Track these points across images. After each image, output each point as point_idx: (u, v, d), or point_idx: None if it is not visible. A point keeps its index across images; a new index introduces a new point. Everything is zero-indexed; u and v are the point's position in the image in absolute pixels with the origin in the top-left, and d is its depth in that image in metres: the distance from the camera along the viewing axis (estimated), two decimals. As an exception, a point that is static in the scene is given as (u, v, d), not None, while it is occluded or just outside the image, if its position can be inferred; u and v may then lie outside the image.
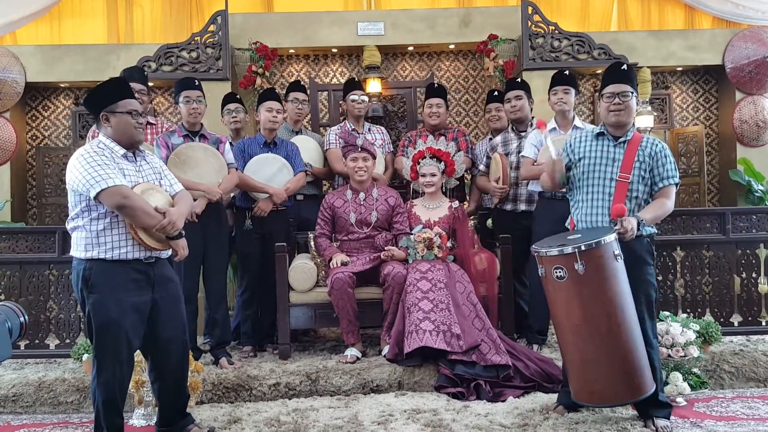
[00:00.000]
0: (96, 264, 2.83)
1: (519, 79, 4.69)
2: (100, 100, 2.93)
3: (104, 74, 6.01)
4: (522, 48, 5.93)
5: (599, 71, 6.36)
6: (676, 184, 3.16)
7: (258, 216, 4.29)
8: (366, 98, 4.93)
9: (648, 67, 6.20)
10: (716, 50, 6.27)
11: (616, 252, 2.89)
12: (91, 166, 2.78)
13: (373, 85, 6.12)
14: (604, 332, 2.88)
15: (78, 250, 2.87)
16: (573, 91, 4.20)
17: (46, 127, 6.61)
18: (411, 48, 6.50)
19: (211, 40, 5.89)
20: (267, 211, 4.27)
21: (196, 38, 5.90)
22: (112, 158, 2.87)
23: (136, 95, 3.67)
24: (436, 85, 4.96)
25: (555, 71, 4.33)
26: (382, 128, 5.17)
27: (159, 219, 2.85)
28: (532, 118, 4.56)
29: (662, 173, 3.13)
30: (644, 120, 6.21)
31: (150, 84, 6.07)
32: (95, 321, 2.80)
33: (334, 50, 6.44)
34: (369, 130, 4.94)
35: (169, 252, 3.02)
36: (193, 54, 5.88)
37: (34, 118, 6.60)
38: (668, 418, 3.11)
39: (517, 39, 6.07)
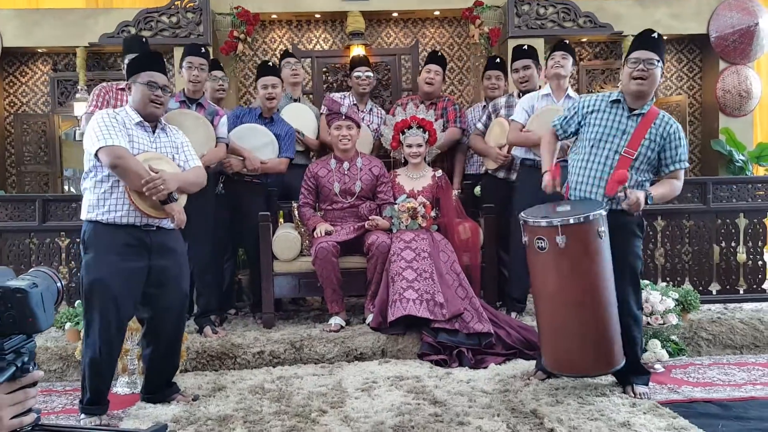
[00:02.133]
0: (94, 226, 2.92)
1: (525, 47, 4.47)
2: (131, 69, 3.07)
3: (83, 39, 5.90)
4: (507, 15, 5.87)
5: (584, 39, 6.34)
6: (685, 168, 3.11)
7: (227, 173, 4.20)
8: (371, 74, 4.85)
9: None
10: (701, 19, 6.26)
11: (601, 229, 2.89)
12: (99, 126, 2.88)
13: (357, 52, 6.05)
14: (577, 305, 2.92)
15: (83, 211, 2.98)
16: (571, 59, 4.08)
17: (24, 94, 6.48)
18: (395, 14, 6.41)
19: (192, 4, 5.77)
20: (234, 168, 4.17)
21: (176, 2, 5.78)
22: (123, 123, 2.95)
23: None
24: (439, 53, 4.89)
25: (541, 41, 4.28)
26: (383, 112, 5.03)
27: (149, 176, 2.85)
28: (540, 86, 4.38)
29: (674, 156, 3.05)
30: (628, 89, 6.21)
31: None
32: (85, 280, 2.88)
33: (317, 16, 6.35)
34: (371, 110, 4.86)
35: (170, 222, 3.01)
36: (174, 19, 5.76)
37: (11, 84, 6.46)
38: (647, 385, 3.17)
39: (502, 6, 6.01)
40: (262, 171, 4.26)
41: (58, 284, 1.23)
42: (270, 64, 4.56)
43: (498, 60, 4.83)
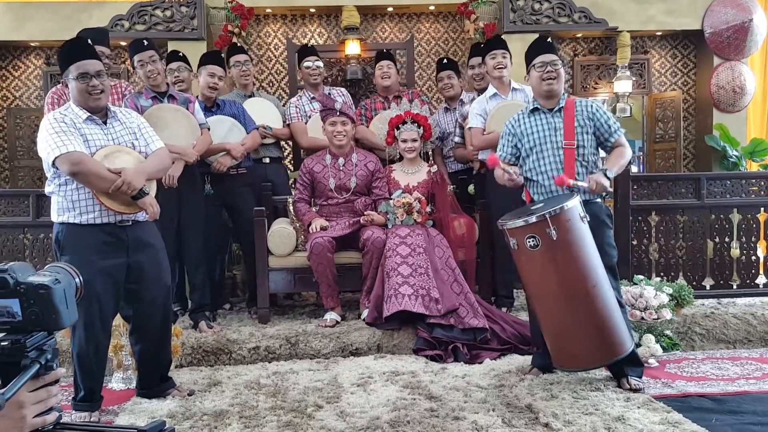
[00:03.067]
0: (68, 227, 2.87)
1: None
2: (60, 65, 2.91)
3: (76, 33, 5.84)
4: (502, 10, 5.87)
5: (579, 35, 6.35)
6: (624, 133, 3.29)
7: (217, 174, 4.17)
8: (321, 64, 4.79)
9: (627, 31, 6.18)
10: (695, 15, 6.26)
11: (582, 214, 2.97)
12: (49, 134, 2.77)
13: (352, 47, 6.04)
14: (582, 295, 2.95)
15: (54, 214, 2.91)
16: (509, 55, 4.23)
17: (17, 88, 6.44)
18: (390, 9, 6.39)
19: (186, -2, 5.74)
20: (226, 165, 4.16)
21: (170, -4, 5.74)
22: (73, 123, 2.84)
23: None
24: (384, 50, 4.96)
25: (536, 37, 4.28)
26: (343, 90, 5.01)
27: (112, 181, 2.78)
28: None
29: (608, 129, 3.25)
30: (623, 85, 6.23)
31: (123, 43, 5.94)
32: None
33: (312, 10, 6.32)
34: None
35: (146, 215, 2.98)
36: (167, 13, 5.73)
37: (4, 78, 6.41)
38: (640, 378, 3.19)
39: (497, 1, 6.00)
40: (246, 151, 4.25)
41: (77, 280, 1.22)
42: (220, 53, 4.52)
43: (446, 60, 4.89)
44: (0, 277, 1.13)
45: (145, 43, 3.99)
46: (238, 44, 5.00)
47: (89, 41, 2.99)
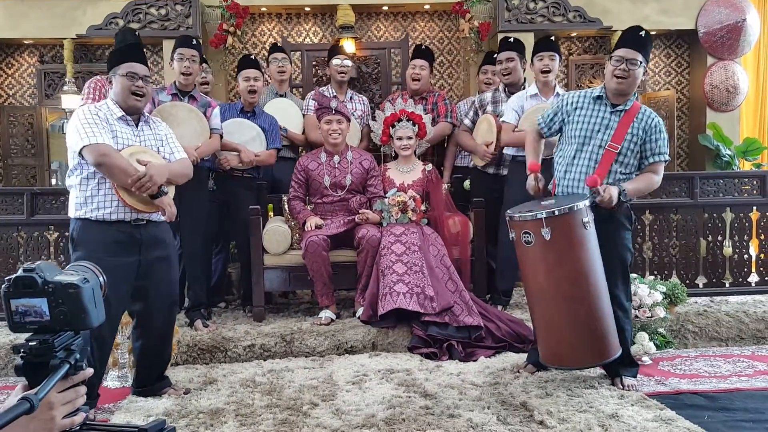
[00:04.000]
0: (83, 223, 2.90)
1: (512, 39, 4.46)
2: (111, 61, 3.01)
3: (70, 31, 5.84)
4: (497, 9, 5.88)
5: (574, 34, 6.36)
6: (666, 161, 3.13)
7: (222, 171, 4.20)
8: (349, 63, 4.86)
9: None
10: (689, 14, 6.29)
11: (585, 220, 2.92)
12: (81, 124, 2.83)
13: (347, 46, 6.04)
14: (567, 298, 2.94)
15: (71, 208, 2.95)
16: (557, 57, 4.12)
17: (11, 86, 6.41)
18: (385, 7, 6.40)
19: (181, -4, 5.73)
20: (232, 164, 4.18)
21: (165, -6, 5.73)
22: (106, 119, 2.90)
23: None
24: (423, 47, 4.89)
25: (531, 36, 4.30)
26: (364, 98, 5.07)
27: (135, 174, 2.82)
28: (524, 79, 4.47)
29: (654, 149, 3.09)
30: (617, 84, 6.24)
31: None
32: None
33: (307, 9, 6.32)
34: (351, 98, 4.86)
35: (161, 215, 3.00)
36: (162, 11, 5.71)
37: (-3, 75, 6.40)
38: (635, 377, 3.21)
39: (492, 0, 6.01)
40: (256, 164, 4.27)
41: (101, 279, 1.21)
42: (252, 57, 4.55)
43: (495, 55, 4.82)
44: (28, 277, 1.11)
45: (194, 41, 4.05)
46: (277, 42, 5.05)
47: (143, 48, 3.15)
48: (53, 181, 6.44)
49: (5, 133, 6.34)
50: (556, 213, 2.90)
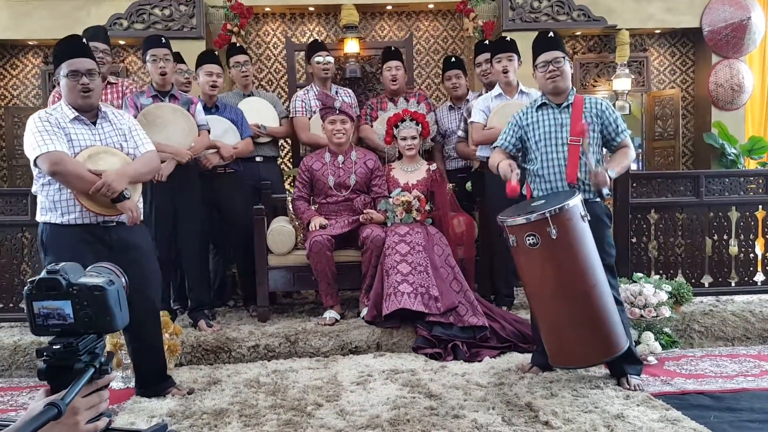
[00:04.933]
0: (50, 228, 2.87)
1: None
2: (54, 62, 2.91)
3: (74, 31, 5.73)
4: (501, 8, 5.87)
5: (578, 33, 6.34)
6: (629, 134, 3.28)
7: (204, 171, 4.15)
8: (331, 59, 4.82)
9: (626, 29, 6.18)
10: (694, 12, 6.27)
11: (583, 213, 2.96)
12: (32, 133, 2.77)
13: (351, 45, 6.03)
14: (579, 294, 2.93)
15: (38, 213, 2.93)
16: (516, 56, 4.23)
17: (15, 87, 6.43)
18: (389, 7, 6.39)
19: (184, -4, 5.73)
20: (213, 162, 4.15)
21: (169, -5, 5.74)
22: (57, 123, 2.82)
23: (99, 55, 3.63)
24: (393, 48, 4.92)
25: (536, 35, 4.28)
26: (350, 90, 5.06)
27: (92, 182, 2.77)
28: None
29: (615, 129, 3.23)
30: (622, 83, 6.22)
31: (122, 42, 5.94)
32: None
33: (311, 9, 6.32)
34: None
35: (127, 221, 2.95)
36: (166, 11, 5.72)
37: (2, 76, 6.40)
38: (639, 375, 3.20)
39: (496, -1, 6.00)
40: (236, 155, 4.25)
41: (123, 279, 1.19)
42: (214, 52, 4.52)
43: (453, 59, 4.88)
44: (52, 279, 1.10)
45: (163, 40, 4.00)
46: (237, 44, 4.99)
47: (83, 40, 2.99)
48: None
49: (10, 133, 6.35)
50: (560, 210, 2.89)
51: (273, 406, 2.98)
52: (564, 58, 3.22)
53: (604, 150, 3.37)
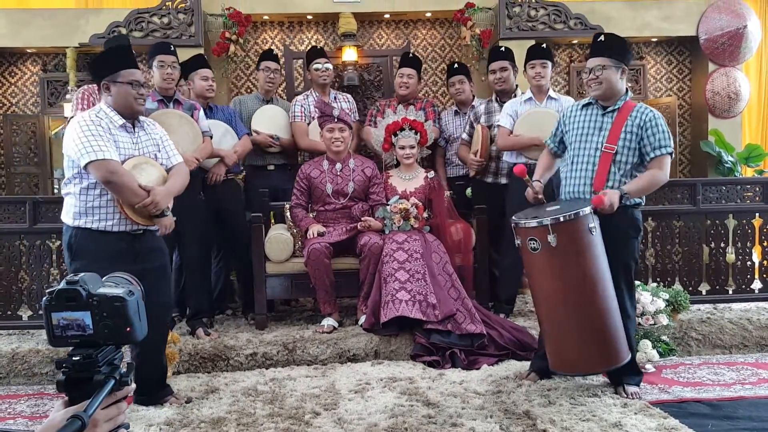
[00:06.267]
0: (82, 232, 2.88)
1: (503, 48, 4.56)
2: (103, 67, 2.93)
3: (73, 40, 5.86)
4: (499, 17, 5.89)
5: (575, 41, 6.37)
6: (670, 154, 3.05)
7: (211, 184, 4.19)
8: (330, 66, 4.84)
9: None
10: (690, 21, 6.29)
11: (591, 225, 2.91)
12: (86, 135, 2.79)
13: (349, 54, 6.05)
14: (575, 304, 2.93)
15: (67, 216, 2.92)
16: (549, 63, 4.24)
17: (14, 94, 6.43)
18: (387, 15, 6.41)
19: (183, 5, 5.74)
20: (222, 175, 4.20)
21: (167, 3, 5.74)
22: (108, 129, 2.87)
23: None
24: (411, 54, 4.93)
25: (532, 43, 4.34)
26: (349, 96, 5.09)
27: (142, 198, 2.84)
28: (516, 86, 4.55)
29: (653, 143, 3.03)
30: (619, 91, 6.24)
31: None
32: None
33: (309, 17, 6.33)
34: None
35: (158, 232, 3.04)
36: (165, 19, 5.73)
37: (0, 84, 6.41)
38: (638, 385, 3.20)
39: (494, 8, 6.02)
40: (239, 158, 4.28)
41: (140, 288, 1.19)
42: (204, 56, 4.55)
43: (457, 65, 4.91)
44: (72, 289, 1.09)
45: (172, 47, 4.05)
46: (273, 51, 4.99)
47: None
48: (56, 190, 6.45)
49: (8, 141, 6.35)
50: (562, 219, 2.88)
51: (271, 414, 2.98)
52: (608, 66, 3.07)
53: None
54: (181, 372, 3.68)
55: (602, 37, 3.19)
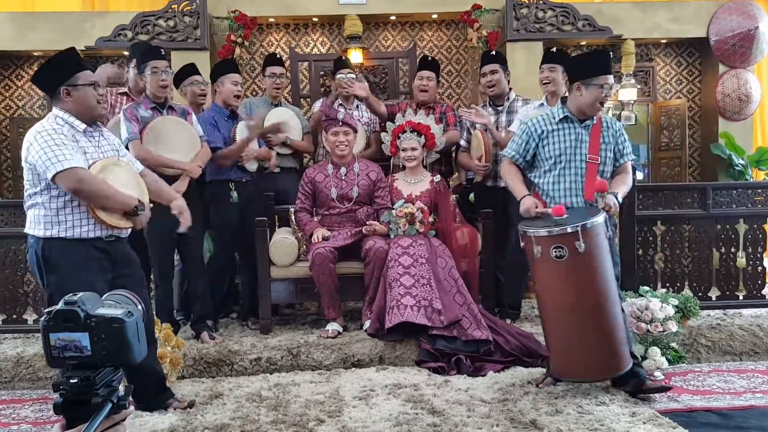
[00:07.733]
0: (56, 243, 2.78)
1: (493, 52, 4.60)
2: (57, 74, 2.81)
3: (79, 43, 5.83)
4: (506, 18, 5.85)
5: (583, 43, 6.32)
6: (632, 160, 3.37)
7: (242, 179, 4.25)
8: (353, 76, 4.81)
9: (632, 39, 6.15)
10: (701, 22, 6.23)
11: (606, 230, 3.02)
12: (49, 145, 2.70)
13: (355, 56, 6.03)
14: (595, 308, 2.98)
15: (36, 228, 2.81)
16: (559, 67, 4.19)
17: (20, 97, 6.45)
18: (393, 17, 6.39)
19: (189, 8, 5.73)
20: (273, 142, 4.42)
21: (173, 6, 5.73)
22: (72, 136, 2.78)
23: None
24: (429, 58, 4.86)
25: (540, 45, 4.32)
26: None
27: (114, 196, 2.77)
28: (510, 90, 4.53)
29: (623, 150, 3.30)
30: (628, 93, 6.19)
31: (126, 53, 5.93)
32: (58, 301, 2.78)
33: (315, 19, 6.32)
34: (357, 107, 4.87)
35: (129, 231, 2.96)
36: (171, 22, 5.72)
37: (7, 87, 6.43)
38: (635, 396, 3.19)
39: (501, 9, 5.98)
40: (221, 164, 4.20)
41: (140, 307, 1.16)
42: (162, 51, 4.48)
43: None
44: (70, 310, 1.07)
45: (163, 52, 3.97)
46: (278, 55, 4.98)
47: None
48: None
49: (15, 144, 6.36)
50: (589, 225, 2.94)
51: (275, 421, 2.95)
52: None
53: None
54: (186, 377, 3.65)
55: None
